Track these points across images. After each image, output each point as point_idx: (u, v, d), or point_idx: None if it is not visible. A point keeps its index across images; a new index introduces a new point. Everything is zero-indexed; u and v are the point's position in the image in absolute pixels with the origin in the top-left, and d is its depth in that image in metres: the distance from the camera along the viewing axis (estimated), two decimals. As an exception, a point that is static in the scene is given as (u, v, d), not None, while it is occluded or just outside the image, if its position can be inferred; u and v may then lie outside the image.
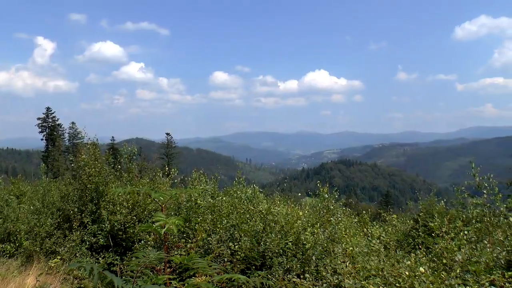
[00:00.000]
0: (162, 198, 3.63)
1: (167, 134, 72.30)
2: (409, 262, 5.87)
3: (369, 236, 8.36)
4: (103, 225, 10.26)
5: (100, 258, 9.60)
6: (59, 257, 9.34)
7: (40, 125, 64.63)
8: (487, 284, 5.20)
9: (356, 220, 11.42)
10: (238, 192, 10.73)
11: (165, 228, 3.14)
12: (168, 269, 3.57)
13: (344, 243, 7.47)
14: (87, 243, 10.08)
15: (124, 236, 10.21)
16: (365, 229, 9.69)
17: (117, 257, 9.60)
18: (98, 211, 10.66)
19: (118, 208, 10.37)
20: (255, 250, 7.75)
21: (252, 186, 11.72)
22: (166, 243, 3.57)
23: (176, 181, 13.31)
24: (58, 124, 66.13)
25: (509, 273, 5.28)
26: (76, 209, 10.74)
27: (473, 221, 8.48)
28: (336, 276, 6.15)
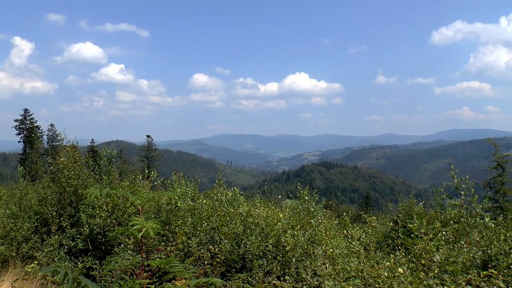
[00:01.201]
0: (139, 201, 3.59)
1: (148, 136, 71.74)
2: (388, 263, 5.92)
3: (349, 238, 8.41)
4: (82, 229, 10.11)
5: (78, 263, 9.46)
6: (36, 262, 9.18)
7: (17, 127, 63.40)
8: (463, 283, 5.28)
9: (336, 222, 11.49)
10: (219, 195, 10.70)
11: (142, 232, 3.10)
12: (147, 273, 3.52)
13: (324, 245, 7.50)
14: (66, 247, 9.92)
15: (103, 239, 10.08)
16: (345, 231, 9.75)
17: (96, 261, 9.47)
18: (77, 214, 10.49)
19: (98, 212, 10.22)
20: (235, 253, 7.73)
21: (232, 189, 11.69)
22: (143, 247, 3.53)
23: (156, 183, 13.22)
24: (36, 126, 64.99)
25: (484, 272, 5.37)
26: (54, 213, 10.57)
27: (451, 222, 8.61)
28: (316, 278, 6.17)
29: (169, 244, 8.37)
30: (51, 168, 12.45)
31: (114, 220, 10.20)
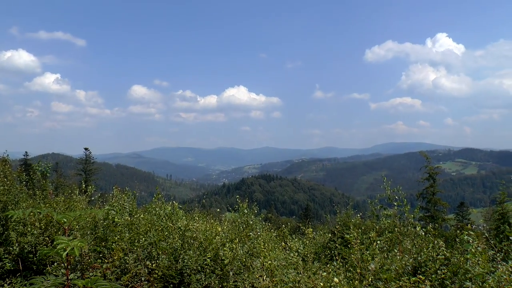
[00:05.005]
0: (65, 220, 3.45)
1: (86, 149, 69.23)
2: (325, 273, 6.03)
3: (287, 250, 8.50)
4: (11, 248, 9.58)
5: (5, 285, 8.93)
6: (-46, 287, 8.60)
7: None
8: (395, 290, 5.48)
9: (275, 234, 11.56)
10: (157, 209, 10.50)
11: (67, 251, 2.99)
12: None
13: (263, 257, 7.54)
14: (-9, 269, 9.35)
15: (35, 258, 9.60)
16: (284, 243, 9.84)
17: (25, 282, 8.98)
18: (6, 232, 9.95)
19: (30, 229, 9.74)
20: (173, 268, 7.62)
21: (171, 203, 11.52)
22: (69, 267, 3.41)
23: (94, 198, 12.79)
24: (-38, 139, 61.34)
25: (413, 278, 5.61)
26: (-21, 231, 9.97)
27: (386, 231, 8.92)
28: (254, 290, 6.19)
29: (106, 261, 8.12)
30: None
31: (47, 238, 9.75)
